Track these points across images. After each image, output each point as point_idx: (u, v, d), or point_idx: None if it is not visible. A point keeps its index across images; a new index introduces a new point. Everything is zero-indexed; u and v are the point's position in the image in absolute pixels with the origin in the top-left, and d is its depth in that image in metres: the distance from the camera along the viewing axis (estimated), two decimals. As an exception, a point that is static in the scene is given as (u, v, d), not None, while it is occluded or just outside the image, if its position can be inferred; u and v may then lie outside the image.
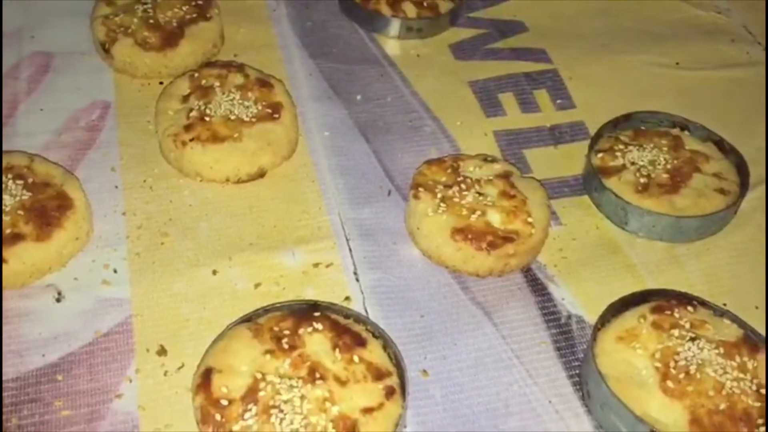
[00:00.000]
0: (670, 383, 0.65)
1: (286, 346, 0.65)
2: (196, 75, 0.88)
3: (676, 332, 0.69)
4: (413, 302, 0.75)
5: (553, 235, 0.82)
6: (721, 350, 0.67)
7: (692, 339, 0.68)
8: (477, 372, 0.70)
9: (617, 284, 0.78)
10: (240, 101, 0.85)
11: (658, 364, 0.67)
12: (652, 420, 0.64)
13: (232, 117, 0.84)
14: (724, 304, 0.76)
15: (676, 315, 0.70)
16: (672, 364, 0.66)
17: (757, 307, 0.77)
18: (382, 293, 0.76)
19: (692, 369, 0.66)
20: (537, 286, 0.78)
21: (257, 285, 0.75)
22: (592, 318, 0.74)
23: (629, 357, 0.68)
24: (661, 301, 0.72)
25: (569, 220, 0.84)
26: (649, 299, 0.73)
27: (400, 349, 0.70)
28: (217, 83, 0.87)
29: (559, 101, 0.98)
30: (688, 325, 0.69)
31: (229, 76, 0.88)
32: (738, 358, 0.67)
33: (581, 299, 0.77)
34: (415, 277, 0.78)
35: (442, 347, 0.72)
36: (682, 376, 0.66)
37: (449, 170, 0.83)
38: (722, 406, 0.64)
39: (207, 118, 0.83)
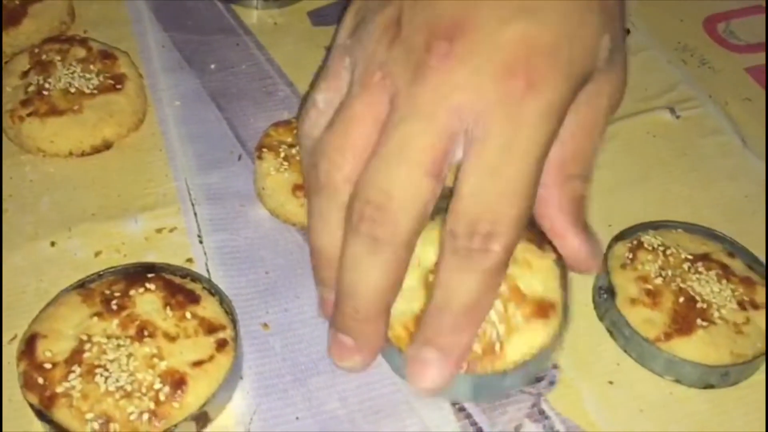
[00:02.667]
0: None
1: (114, 308, 0.65)
2: (37, 51, 0.87)
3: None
4: (258, 260, 0.76)
5: (402, 188, 0.84)
6: None
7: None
8: (317, 323, 0.71)
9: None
10: (81, 74, 0.84)
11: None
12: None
13: (72, 90, 0.83)
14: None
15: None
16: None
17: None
18: (226, 253, 0.76)
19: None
20: (383, 237, 0.79)
21: (97, 253, 0.74)
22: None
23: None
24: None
25: (419, 172, 0.86)
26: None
27: (243, 305, 0.71)
28: (58, 57, 0.86)
29: (414, 61, 0.99)
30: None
31: (71, 50, 0.87)
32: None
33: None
34: (262, 236, 0.78)
35: (285, 301, 0.73)
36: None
37: (295, 131, 0.83)
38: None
39: (45, 92, 0.82)
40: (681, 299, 0.69)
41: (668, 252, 0.74)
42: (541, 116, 0.47)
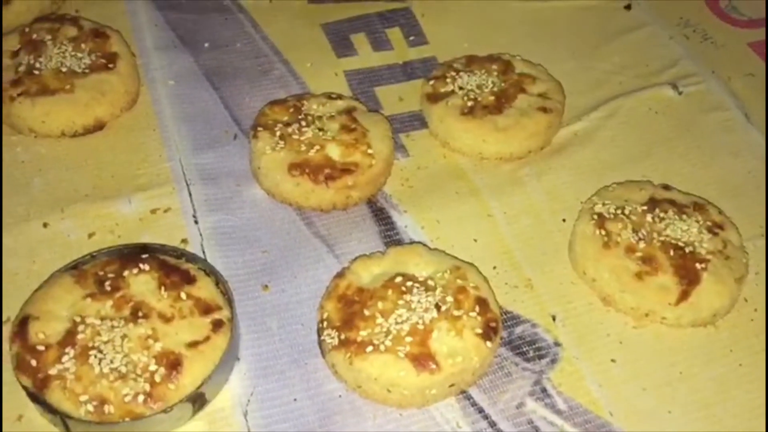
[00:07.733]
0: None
1: (108, 289, 0.64)
2: (27, 30, 0.85)
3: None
4: (255, 240, 0.75)
5: (400, 167, 0.83)
6: None
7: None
8: (316, 303, 0.70)
9: (461, 208, 0.79)
10: (72, 53, 0.83)
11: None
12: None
13: (64, 69, 0.81)
14: (564, 220, 0.78)
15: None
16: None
17: (594, 220, 0.78)
18: (222, 234, 0.75)
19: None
20: (381, 216, 0.78)
21: (91, 235, 0.73)
22: (431, 241, 0.75)
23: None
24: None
25: (417, 151, 0.85)
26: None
27: (239, 286, 0.70)
28: (48, 37, 0.84)
29: (411, 38, 0.97)
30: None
31: (62, 29, 0.86)
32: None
33: (423, 224, 0.77)
34: (258, 216, 0.77)
35: (282, 281, 0.72)
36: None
37: (292, 109, 0.82)
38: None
39: (36, 72, 0.81)
40: (671, 252, 0.69)
41: (626, 211, 0.73)
42: None
